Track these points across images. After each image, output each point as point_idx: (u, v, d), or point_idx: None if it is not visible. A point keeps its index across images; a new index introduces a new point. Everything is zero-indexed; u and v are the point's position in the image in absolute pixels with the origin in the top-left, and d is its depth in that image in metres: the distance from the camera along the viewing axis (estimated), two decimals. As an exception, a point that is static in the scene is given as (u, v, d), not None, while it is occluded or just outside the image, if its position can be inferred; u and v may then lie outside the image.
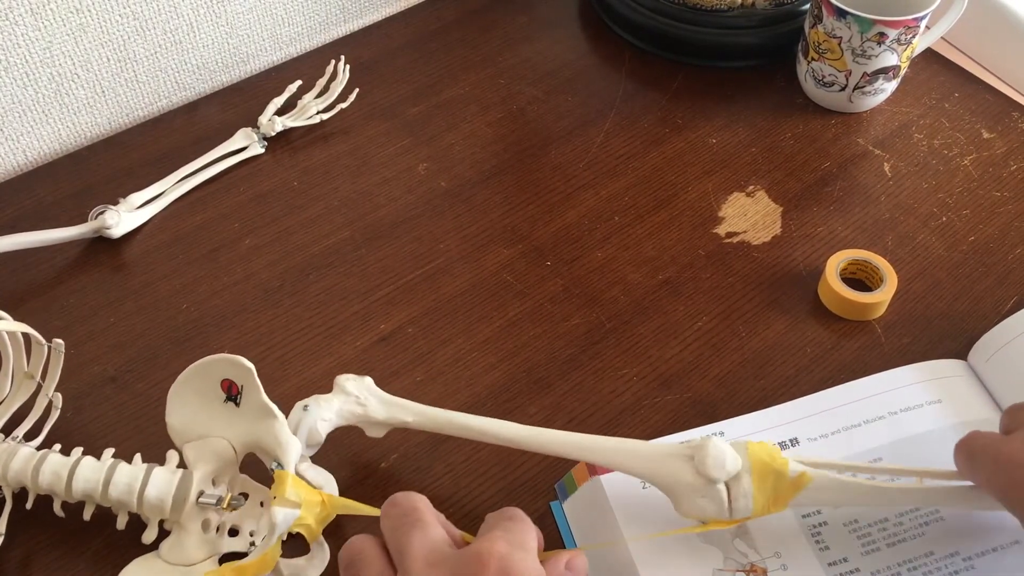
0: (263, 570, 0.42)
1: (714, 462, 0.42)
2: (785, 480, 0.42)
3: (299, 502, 0.43)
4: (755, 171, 0.65)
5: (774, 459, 0.42)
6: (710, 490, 0.42)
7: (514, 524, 0.38)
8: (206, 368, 0.46)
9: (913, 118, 0.69)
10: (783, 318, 0.57)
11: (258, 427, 0.45)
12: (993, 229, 0.62)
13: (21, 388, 0.49)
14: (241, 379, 0.45)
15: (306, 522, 0.43)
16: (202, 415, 0.46)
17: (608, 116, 0.69)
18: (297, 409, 0.47)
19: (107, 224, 0.59)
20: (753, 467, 0.42)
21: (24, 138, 0.65)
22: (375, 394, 0.48)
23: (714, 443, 0.42)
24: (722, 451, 0.42)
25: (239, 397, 0.46)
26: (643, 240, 0.61)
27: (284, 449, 0.44)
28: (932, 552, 0.45)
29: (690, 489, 0.42)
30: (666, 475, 0.43)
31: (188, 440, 0.46)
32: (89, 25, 0.63)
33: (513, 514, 0.39)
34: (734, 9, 0.71)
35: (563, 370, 0.54)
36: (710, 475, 0.41)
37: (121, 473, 0.45)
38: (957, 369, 0.53)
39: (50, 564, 0.46)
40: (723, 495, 0.42)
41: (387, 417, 0.47)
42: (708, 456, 0.42)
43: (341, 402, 0.47)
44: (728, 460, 0.42)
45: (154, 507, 0.44)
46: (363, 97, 0.70)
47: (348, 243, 0.61)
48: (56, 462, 0.45)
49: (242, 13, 0.70)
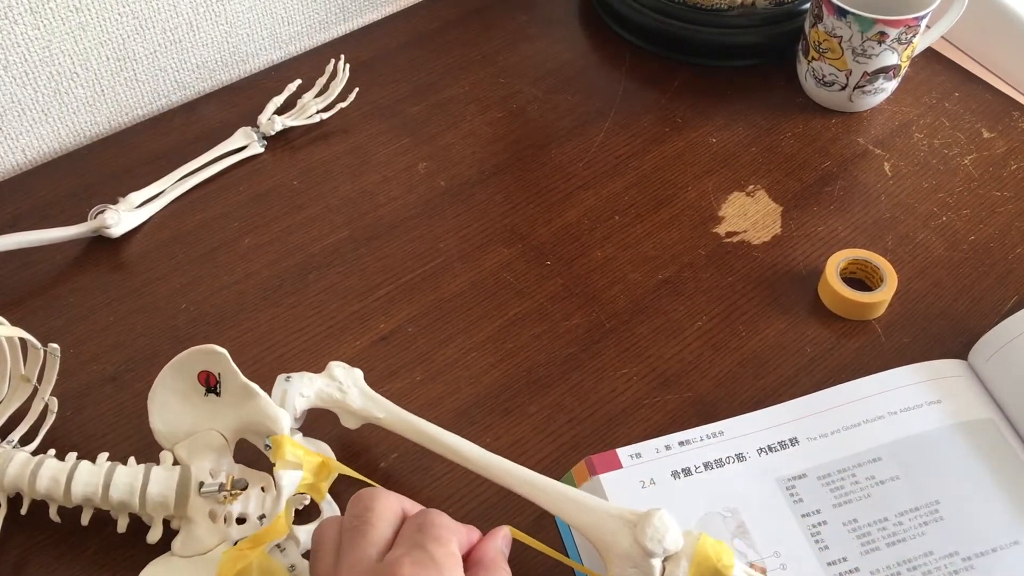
0: (277, 535, 0.43)
1: (654, 533, 0.40)
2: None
3: (300, 463, 0.44)
4: (755, 170, 0.65)
5: (719, 558, 0.40)
6: (643, 562, 0.40)
7: (425, 535, 0.37)
8: (179, 366, 0.46)
9: (913, 117, 0.69)
10: (783, 318, 0.57)
11: (243, 410, 0.46)
12: (993, 229, 0.62)
13: (17, 392, 0.49)
14: (217, 367, 0.46)
15: (310, 481, 0.44)
16: (186, 413, 0.46)
17: (608, 115, 0.69)
18: (280, 380, 0.47)
19: (106, 223, 0.59)
20: (695, 557, 0.40)
21: (23, 137, 0.65)
22: (359, 386, 0.48)
23: (661, 516, 0.41)
24: (665, 525, 0.40)
25: (219, 386, 0.46)
26: (643, 239, 0.61)
27: (275, 420, 0.45)
28: (932, 552, 0.45)
29: (625, 556, 0.41)
30: (605, 535, 0.41)
31: (177, 441, 0.46)
32: (88, 24, 0.63)
33: (424, 521, 0.38)
34: (734, 8, 0.71)
35: (563, 370, 0.54)
36: (646, 547, 0.40)
37: (120, 474, 0.45)
38: (957, 369, 0.52)
39: (45, 568, 0.46)
40: (656, 572, 0.40)
41: (361, 408, 0.48)
42: (650, 527, 0.40)
43: (323, 384, 0.48)
44: (668, 537, 0.40)
45: (157, 505, 0.44)
46: (363, 96, 0.70)
47: (348, 242, 0.61)
48: (54, 467, 0.45)
49: (242, 12, 0.70)
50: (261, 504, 0.45)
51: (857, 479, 0.48)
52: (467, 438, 0.49)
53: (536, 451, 0.51)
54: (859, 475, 0.48)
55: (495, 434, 0.51)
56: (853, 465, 0.48)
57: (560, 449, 0.51)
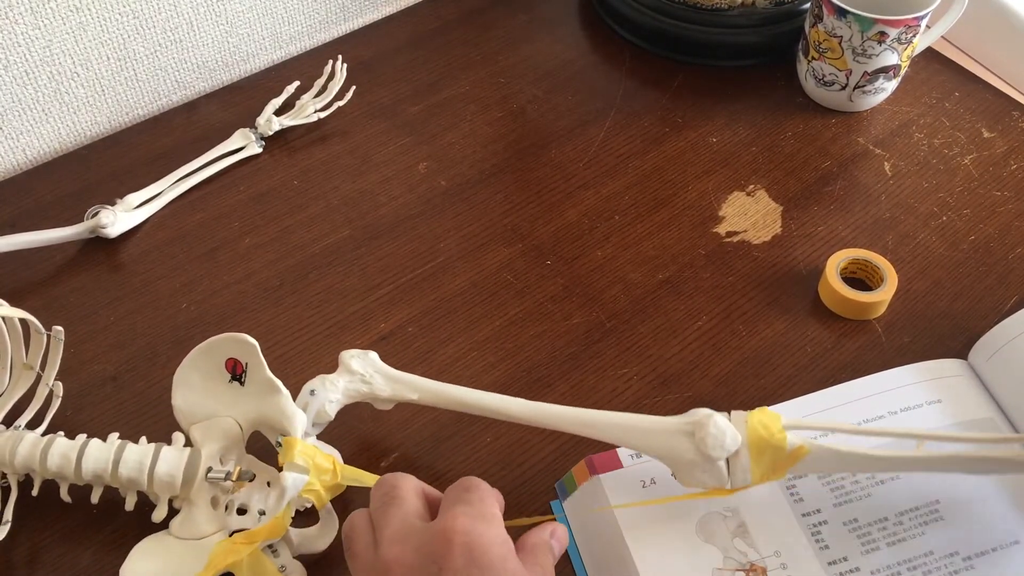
0: (273, 535, 0.43)
1: (714, 442, 0.43)
2: (783, 453, 0.43)
3: (307, 467, 0.44)
4: (755, 170, 0.65)
5: (772, 434, 0.43)
6: (710, 466, 0.43)
7: (472, 495, 0.39)
8: (211, 349, 0.47)
9: (913, 117, 0.69)
10: (783, 317, 0.57)
11: (263, 403, 0.46)
12: (993, 229, 0.62)
13: (21, 379, 0.49)
14: (246, 356, 0.46)
15: (315, 488, 0.44)
16: (208, 396, 0.47)
17: (608, 115, 0.69)
18: (304, 393, 0.48)
19: (103, 224, 0.59)
20: (751, 442, 0.43)
21: (24, 137, 0.65)
22: (380, 370, 0.49)
23: (715, 422, 0.43)
24: (722, 430, 0.43)
25: (244, 376, 0.46)
26: (643, 239, 0.61)
27: (290, 420, 0.45)
28: (932, 552, 0.45)
29: (691, 465, 0.43)
30: (667, 451, 0.44)
31: (195, 422, 0.46)
32: (89, 24, 0.63)
33: (470, 484, 0.40)
34: (735, 8, 0.71)
35: (563, 369, 0.54)
36: (710, 454, 0.43)
37: (131, 452, 0.45)
38: (957, 369, 0.52)
39: (57, 553, 0.46)
40: (723, 470, 0.43)
41: (392, 394, 0.48)
42: (708, 436, 0.43)
43: (347, 381, 0.48)
44: (728, 439, 0.43)
45: (164, 484, 0.45)
46: (363, 96, 0.70)
47: (348, 242, 0.61)
48: (64, 445, 0.45)
49: (242, 12, 0.70)
50: (264, 499, 0.45)
51: (857, 479, 0.48)
52: (468, 437, 0.49)
53: (537, 451, 0.51)
54: (859, 475, 0.48)
55: (495, 433, 0.51)
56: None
57: (561, 449, 0.51)
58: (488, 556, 0.36)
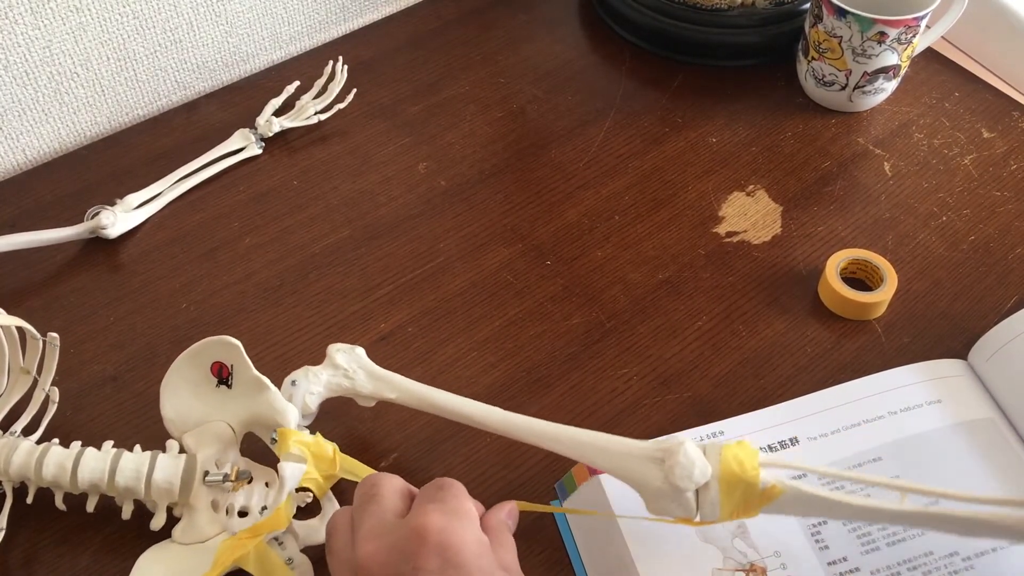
0: (276, 527, 0.43)
1: (682, 472, 0.41)
2: (755, 491, 0.41)
3: (304, 456, 0.44)
4: (755, 170, 0.65)
5: (745, 471, 0.41)
6: (678, 496, 0.41)
7: (446, 493, 0.39)
8: (194, 355, 0.47)
9: (913, 117, 0.69)
10: (783, 318, 0.57)
11: (253, 402, 0.46)
12: (993, 229, 0.62)
13: (17, 384, 0.49)
14: (230, 358, 0.46)
15: (313, 476, 0.44)
16: (196, 403, 0.47)
17: (608, 115, 0.69)
18: (286, 384, 0.48)
19: (102, 224, 0.59)
20: (722, 476, 0.41)
21: (24, 137, 0.65)
22: (364, 367, 0.49)
23: (684, 451, 0.41)
24: (692, 461, 0.41)
25: (230, 379, 0.47)
26: (643, 239, 0.61)
27: (282, 414, 0.45)
28: (932, 552, 0.45)
29: (658, 493, 0.42)
30: (636, 476, 0.42)
31: (186, 430, 0.46)
32: (89, 24, 0.63)
33: (442, 483, 0.40)
34: (734, 8, 0.71)
35: (563, 370, 0.54)
36: (677, 484, 0.41)
37: (127, 461, 0.45)
38: (957, 369, 0.52)
39: (53, 559, 0.46)
40: (691, 502, 0.41)
41: (373, 391, 0.48)
42: (677, 465, 0.41)
43: (330, 375, 0.48)
44: (696, 471, 0.41)
45: (162, 491, 0.45)
46: (363, 96, 0.70)
47: (348, 242, 0.61)
48: (59, 454, 0.45)
49: (242, 12, 0.70)
50: (264, 498, 0.45)
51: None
52: (466, 437, 0.49)
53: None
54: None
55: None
56: (853, 465, 0.48)
57: (560, 449, 0.51)
58: (462, 555, 0.36)
